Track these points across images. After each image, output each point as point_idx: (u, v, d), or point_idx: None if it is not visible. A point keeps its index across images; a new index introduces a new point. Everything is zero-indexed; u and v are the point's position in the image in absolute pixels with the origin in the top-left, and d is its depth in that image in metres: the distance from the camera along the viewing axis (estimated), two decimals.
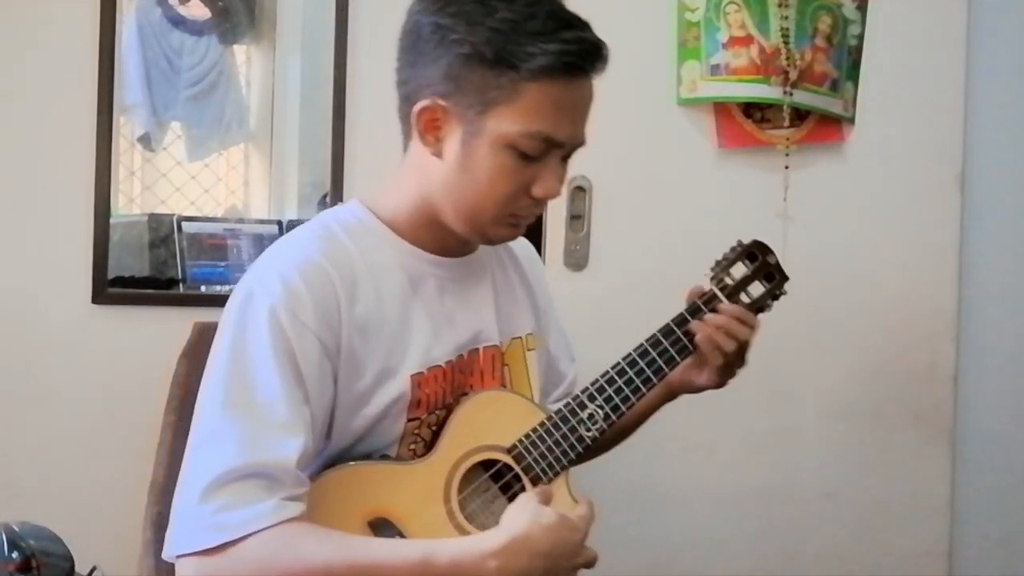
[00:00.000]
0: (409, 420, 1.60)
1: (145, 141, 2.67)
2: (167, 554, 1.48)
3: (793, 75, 2.76)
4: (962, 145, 2.96)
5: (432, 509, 1.57)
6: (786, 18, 2.76)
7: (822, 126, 2.85)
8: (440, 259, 1.65)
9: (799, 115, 2.82)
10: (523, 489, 1.62)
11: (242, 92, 2.79)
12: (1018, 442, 2.94)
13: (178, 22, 2.66)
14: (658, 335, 1.72)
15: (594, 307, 2.70)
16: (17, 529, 1.68)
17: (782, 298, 1.84)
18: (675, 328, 1.73)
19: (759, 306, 1.81)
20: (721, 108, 2.80)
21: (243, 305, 1.52)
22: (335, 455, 1.58)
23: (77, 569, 1.71)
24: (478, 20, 1.50)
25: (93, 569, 1.75)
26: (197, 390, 1.99)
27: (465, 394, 1.66)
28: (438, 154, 1.56)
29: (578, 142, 1.59)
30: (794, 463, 2.91)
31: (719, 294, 1.77)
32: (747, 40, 2.76)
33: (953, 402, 2.96)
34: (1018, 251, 2.97)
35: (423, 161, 1.58)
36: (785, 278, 1.84)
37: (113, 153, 2.46)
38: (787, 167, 2.83)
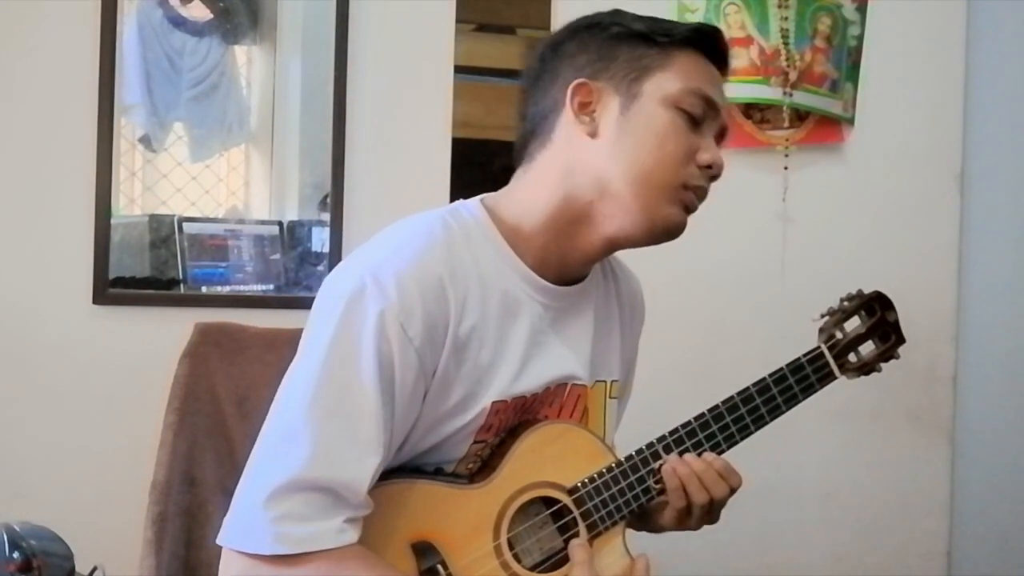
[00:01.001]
0: (475, 442, 1.51)
1: (146, 142, 2.67)
2: (219, 539, 1.42)
3: (793, 76, 2.76)
4: (961, 146, 2.96)
5: (479, 541, 1.49)
6: (786, 19, 2.76)
7: (822, 127, 2.86)
8: (548, 286, 1.55)
9: (799, 116, 2.83)
10: (576, 535, 1.54)
11: (243, 93, 2.79)
12: (1017, 442, 2.94)
13: (179, 23, 2.66)
14: (752, 390, 1.62)
15: None
16: (18, 529, 1.69)
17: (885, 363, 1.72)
18: (771, 385, 1.63)
19: (869, 370, 1.68)
20: None
21: (353, 300, 1.42)
22: (393, 465, 1.50)
23: (78, 569, 1.72)
24: (618, 14, 1.56)
25: (94, 569, 1.75)
26: (198, 390, 2.01)
27: (531, 421, 1.56)
28: (593, 133, 1.51)
29: (727, 117, 1.57)
30: (794, 463, 2.92)
31: (827, 353, 1.64)
32: (747, 41, 2.76)
33: (952, 402, 2.97)
34: (1017, 251, 2.97)
35: (570, 151, 1.52)
36: (902, 340, 1.70)
37: (114, 154, 2.46)
38: (787, 168, 2.84)
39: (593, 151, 1.51)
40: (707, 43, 1.54)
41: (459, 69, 2.72)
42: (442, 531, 1.48)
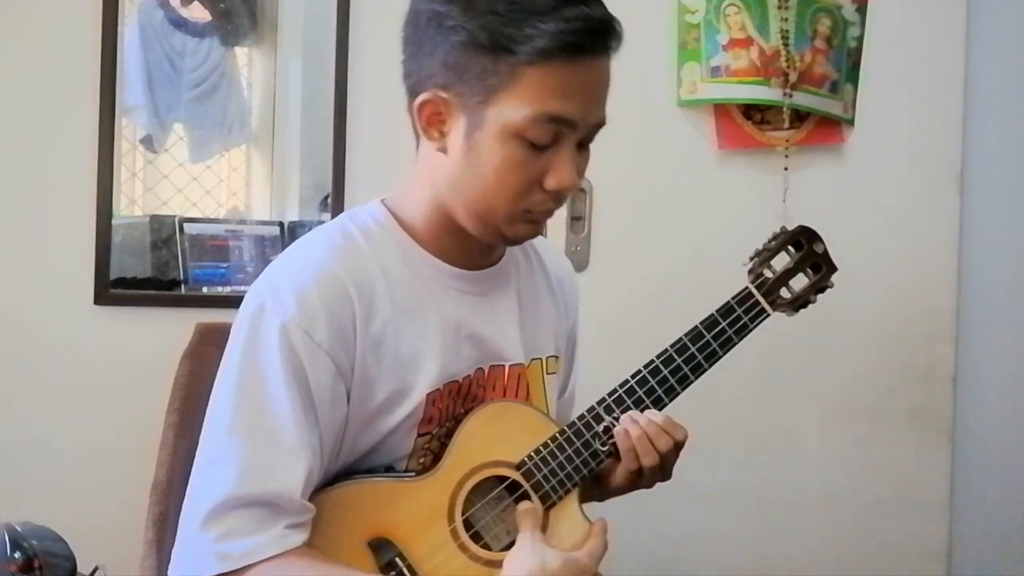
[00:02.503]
0: (419, 435, 1.53)
1: (147, 143, 2.68)
2: (170, 573, 1.46)
3: (793, 77, 2.76)
4: (961, 147, 2.97)
5: (435, 529, 1.50)
6: (786, 20, 2.77)
7: (821, 128, 2.86)
8: (461, 272, 1.56)
9: (799, 117, 2.83)
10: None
11: (244, 94, 2.80)
12: (1017, 442, 2.95)
13: (180, 24, 2.66)
14: (684, 339, 1.61)
15: (595, 308, 2.69)
16: (20, 529, 1.69)
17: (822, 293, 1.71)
18: (704, 332, 1.62)
19: (802, 301, 1.67)
20: (721, 110, 2.80)
21: (255, 319, 1.45)
22: (341, 470, 1.52)
23: (79, 569, 1.72)
24: (475, 3, 1.41)
25: (95, 569, 1.75)
26: (199, 391, 2.00)
27: (473, 406, 1.57)
28: (443, 149, 1.48)
29: (593, 123, 1.47)
30: (794, 463, 2.92)
31: (755, 292, 1.63)
32: (747, 42, 2.76)
33: (952, 403, 2.97)
34: (1017, 252, 2.97)
35: (431, 159, 1.51)
36: (833, 268, 1.69)
37: (115, 154, 2.46)
38: (787, 168, 2.84)
39: (445, 165, 1.50)
40: (573, 44, 1.40)
41: None
42: (396, 525, 1.50)
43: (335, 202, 2.60)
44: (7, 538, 1.66)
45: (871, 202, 2.94)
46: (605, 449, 1.57)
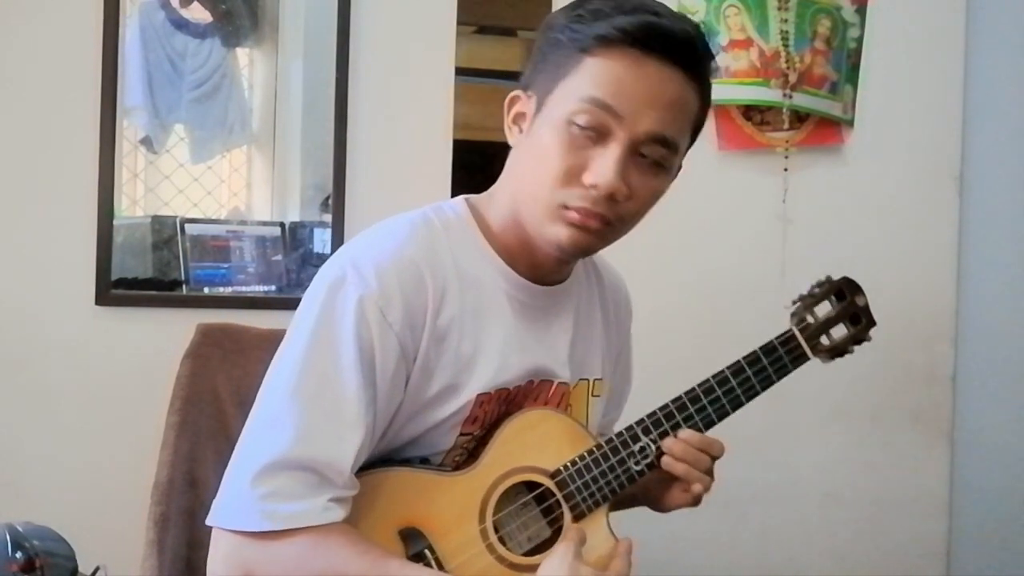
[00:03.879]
0: (462, 434, 1.55)
1: (148, 143, 2.68)
2: (208, 520, 1.46)
3: (792, 78, 2.77)
4: (960, 147, 2.97)
5: (465, 526, 1.52)
6: (786, 21, 2.77)
7: (821, 128, 2.87)
8: (527, 284, 1.58)
9: (798, 118, 2.84)
10: (563, 515, 1.57)
11: (245, 95, 2.80)
12: (1016, 442, 2.95)
13: (181, 25, 2.66)
14: (727, 372, 1.64)
15: None
16: (21, 529, 1.69)
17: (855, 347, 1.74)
18: (746, 367, 1.64)
19: (840, 351, 1.70)
20: (721, 111, 2.81)
21: (333, 289, 1.47)
22: (380, 455, 1.54)
23: (80, 569, 1.72)
24: (571, 9, 1.49)
25: (97, 569, 1.76)
26: (200, 391, 2.02)
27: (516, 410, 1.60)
28: (517, 144, 1.53)
29: (646, 129, 1.45)
30: (794, 463, 2.92)
31: (798, 335, 1.66)
32: (747, 43, 2.77)
33: (952, 403, 2.98)
34: (1016, 252, 2.98)
35: (512, 158, 1.55)
36: (872, 323, 1.72)
37: (116, 155, 2.46)
38: (786, 169, 2.85)
39: (515, 159, 1.54)
40: (632, 36, 1.43)
41: (460, 71, 2.72)
42: (429, 517, 1.51)
43: (336, 203, 2.60)
44: (8, 538, 1.66)
45: (871, 203, 2.94)
46: (639, 468, 1.60)
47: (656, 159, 1.49)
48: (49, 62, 2.42)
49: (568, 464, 1.57)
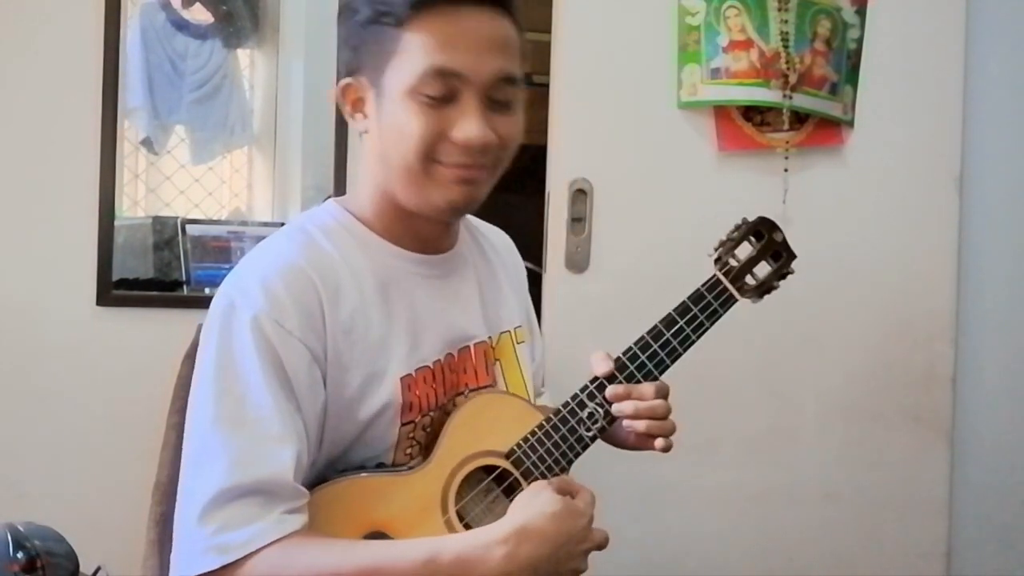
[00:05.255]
0: (403, 424, 1.56)
1: (149, 144, 2.69)
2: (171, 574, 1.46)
3: (793, 79, 2.77)
4: (960, 148, 2.97)
5: (430, 520, 1.53)
6: (786, 22, 2.77)
7: (821, 129, 2.87)
8: (420, 256, 1.61)
9: (798, 118, 2.83)
10: None
11: (246, 95, 2.81)
12: (1016, 443, 2.95)
13: (182, 26, 2.67)
14: (659, 326, 1.66)
15: (594, 309, 2.72)
16: (22, 529, 1.70)
17: (786, 282, 1.77)
18: (677, 318, 1.66)
19: (766, 287, 1.73)
20: (721, 111, 2.81)
21: (225, 316, 1.48)
22: (328, 463, 1.54)
23: (82, 569, 1.72)
24: None
25: (97, 569, 1.76)
26: None
27: (460, 394, 1.63)
28: (367, 130, 1.54)
29: (490, 74, 1.49)
30: (793, 464, 2.92)
31: (723, 279, 1.68)
32: (747, 44, 2.77)
33: (951, 403, 2.98)
34: (1016, 253, 2.98)
35: (366, 146, 1.57)
36: (792, 256, 1.75)
37: (117, 156, 2.47)
38: (786, 170, 2.84)
39: (372, 144, 1.56)
40: None
41: None
42: (392, 518, 1.52)
43: None
44: (10, 538, 1.66)
45: (871, 203, 2.94)
46: (591, 434, 1.62)
47: (508, 99, 1.53)
48: (50, 63, 2.42)
49: (520, 442, 1.60)
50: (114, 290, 2.47)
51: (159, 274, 2.59)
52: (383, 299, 1.56)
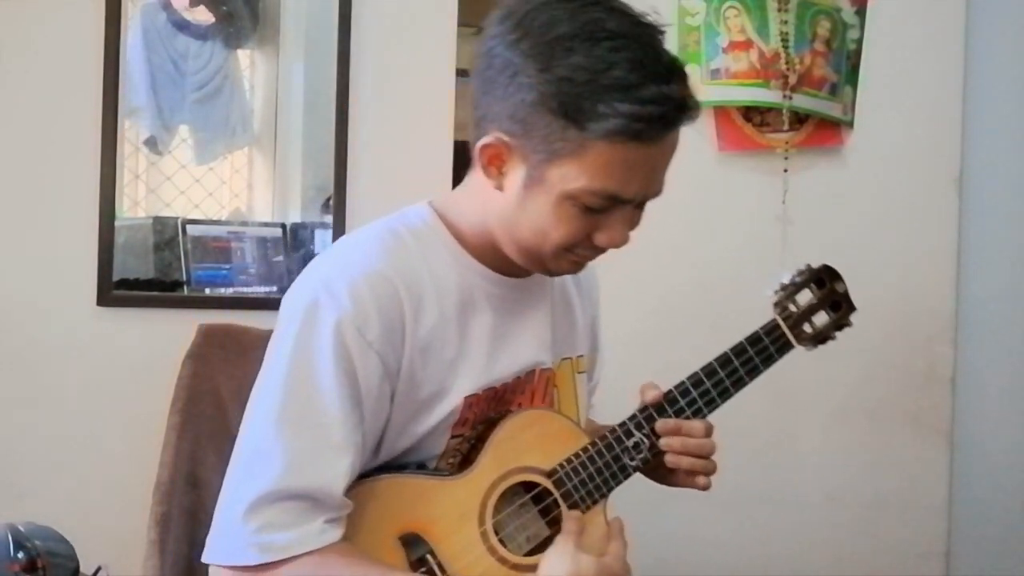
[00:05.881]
0: (452, 437, 1.55)
1: (150, 144, 2.69)
2: (204, 558, 1.47)
3: (792, 79, 2.78)
4: (960, 149, 2.98)
5: (466, 529, 1.53)
6: (786, 23, 2.78)
7: (821, 130, 2.88)
8: (503, 278, 1.58)
9: (798, 119, 2.84)
10: (561, 515, 1.57)
11: (246, 96, 2.81)
12: (1015, 443, 2.96)
13: (183, 27, 2.67)
14: (714, 364, 1.65)
15: None
16: (22, 529, 1.69)
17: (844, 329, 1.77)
18: (733, 358, 1.66)
19: (823, 337, 1.73)
20: (721, 112, 2.81)
21: (309, 313, 1.46)
22: (375, 465, 1.54)
23: (82, 569, 1.72)
24: (550, 64, 1.38)
25: (98, 569, 1.76)
26: (201, 391, 2.02)
27: (509, 410, 1.60)
28: (500, 188, 1.48)
29: (651, 195, 1.49)
30: (794, 465, 2.93)
31: (782, 324, 1.68)
32: (747, 44, 2.78)
33: (951, 404, 2.98)
34: (1015, 254, 2.99)
35: (486, 190, 1.51)
36: (852, 308, 1.75)
37: (118, 156, 2.46)
38: (786, 170, 2.85)
39: (498, 200, 1.50)
40: (645, 131, 1.38)
41: (461, 72, 2.73)
42: (429, 522, 1.52)
43: (337, 203, 2.61)
44: (10, 538, 1.66)
45: (870, 204, 2.95)
46: (634, 464, 1.61)
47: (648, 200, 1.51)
48: (51, 63, 2.42)
49: (564, 463, 1.58)
50: (114, 290, 2.47)
51: (160, 274, 2.59)
52: (462, 317, 1.54)
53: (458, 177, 2.67)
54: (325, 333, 1.44)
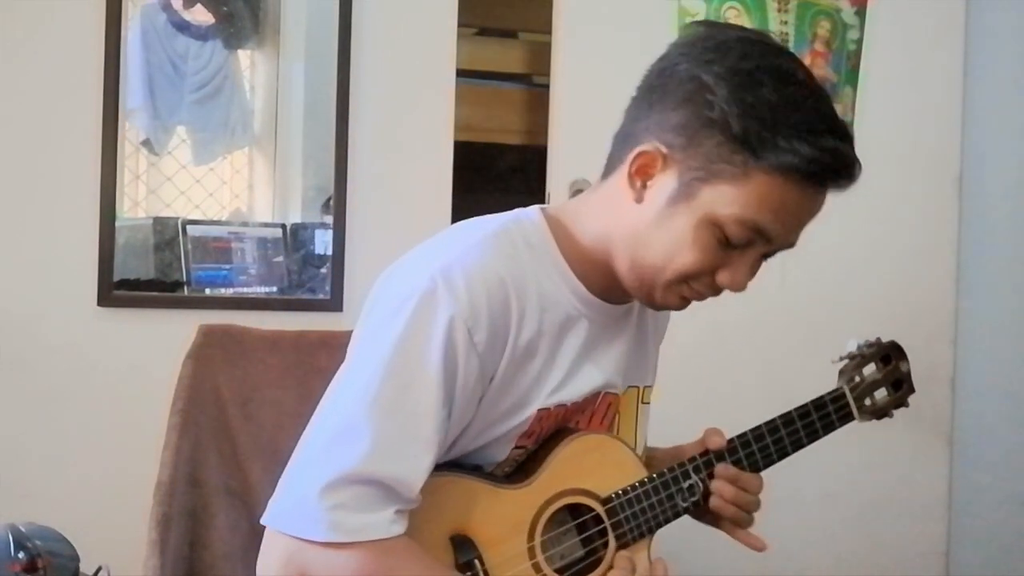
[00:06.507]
0: (516, 448, 1.55)
1: (149, 145, 2.69)
2: (266, 520, 1.45)
3: None
4: (960, 149, 2.98)
5: (514, 540, 1.52)
6: (785, 23, 2.78)
7: None
8: (600, 303, 1.57)
9: None
10: (603, 544, 1.58)
11: (246, 96, 2.81)
12: (1015, 443, 2.96)
13: (183, 27, 2.67)
14: (778, 422, 1.69)
15: None
16: (23, 529, 1.70)
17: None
18: (796, 419, 1.70)
19: (882, 414, 1.77)
20: None
21: (425, 300, 1.44)
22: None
23: (83, 569, 1.73)
24: (739, 90, 1.40)
25: (99, 569, 1.76)
26: (202, 391, 2.02)
27: (568, 429, 1.59)
28: (639, 200, 1.47)
29: (789, 245, 1.49)
30: (793, 463, 2.92)
31: (848, 395, 1.72)
32: None
33: (951, 404, 2.99)
34: (1015, 254, 2.99)
35: (619, 202, 1.49)
36: (912, 390, 1.79)
37: (118, 157, 2.47)
38: None
39: (632, 213, 1.48)
40: (816, 175, 1.41)
41: (461, 72, 2.73)
42: (480, 527, 1.51)
43: (337, 204, 2.61)
44: (11, 538, 1.67)
45: (870, 204, 2.94)
46: (686, 505, 1.63)
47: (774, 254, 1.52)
48: (51, 64, 2.42)
49: (620, 492, 1.59)
50: (115, 291, 2.47)
51: (160, 275, 2.59)
52: (558, 334, 1.53)
53: (458, 177, 2.71)
54: (439, 325, 1.43)
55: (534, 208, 1.59)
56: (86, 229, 2.44)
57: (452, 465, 1.53)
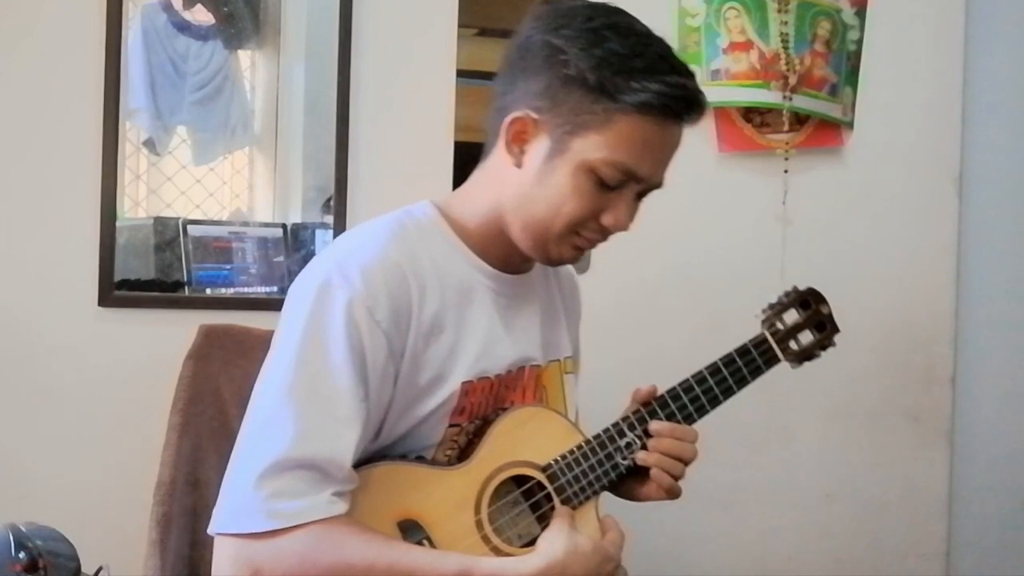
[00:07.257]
0: (450, 426, 1.62)
1: (150, 145, 2.69)
2: (211, 529, 1.51)
3: (792, 80, 2.78)
4: (960, 149, 2.98)
5: (461, 517, 1.58)
6: (786, 23, 2.78)
7: (821, 130, 2.88)
8: (499, 274, 1.67)
9: (798, 120, 2.85)
10: (552, 509, 1.63)
11: (247, 97, 2.81)
12: (1015, 443, 2.96)
13: (183, 27, 2.67)
14: (704, 372, 1.74)
15: (596, 310, 2.70)
16: (24, 529, 1.70)
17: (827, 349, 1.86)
18: (722, 367, 1.75)
19: (807, 354, 1.83)
20: (721, 113, 2.82)
21: (322, 291, 1.54)
22: (373, 452, 1.59)
23: (83, 569, 1.73)
24: (588, 47, 1.54)
25: (99, 569, 1.76)
26: (202, 391, 2.03)
27: (504, 408, 1.67)
28: (519, 164, 1.59)
29: (656, 182, 1.61)
30: (793, 463, 2.93)
31: (770, 339, 1.78)
32: (747, 45, 2.78)
33: (951, 403, 2.99)
34: (1015, 254, 2.99)
35: (502, 171, 1.62)
36: (836, 330, 1.86)
37: (119, 157, 2.47)
38: (786, 171, 2.85)
39: (514, 179, 1.60)
40: (668, 107, 1.54)
41: (461, 73, 2.73)
42: (426, 509, 1.57)
43: (338, 204, 2.61)
44: (11, 538, 1.67)
45: (870, 204, 2.95)
46: (626, 463, 1.68)
47: (647, 194, 1.64)
48: (51, 64, 2.43)
49: (559, 458, 1.65)
50: (116, 291, 2.47)
51: (160, 275, 2.59)
52: (461, 306, 1.62)
53: (459, 177, 2.71)
54: (337, 311, 1.52)
55: (423, 201, 1.71)
56: (87, 229, 2.44)
57: (394, 456, 1.59)
